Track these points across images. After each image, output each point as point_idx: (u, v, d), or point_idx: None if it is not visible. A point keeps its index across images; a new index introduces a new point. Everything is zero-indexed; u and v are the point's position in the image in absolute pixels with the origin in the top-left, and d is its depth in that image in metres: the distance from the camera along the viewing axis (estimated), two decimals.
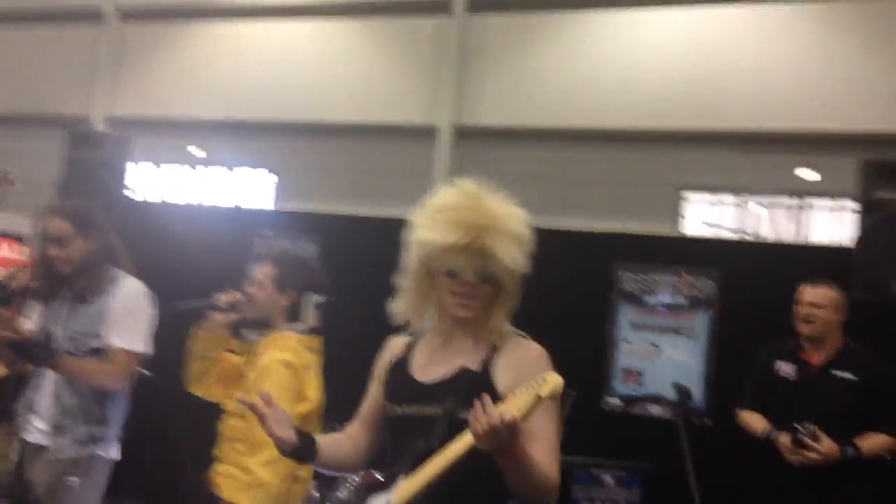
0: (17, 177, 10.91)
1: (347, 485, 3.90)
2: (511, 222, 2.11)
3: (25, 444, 3.25)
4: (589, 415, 4.45)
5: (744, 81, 11.33)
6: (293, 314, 3.07)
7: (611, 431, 4.82)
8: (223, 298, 3.07)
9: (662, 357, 4.96)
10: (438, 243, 2.06)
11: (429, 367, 2.15)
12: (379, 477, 3.31)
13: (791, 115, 11.07)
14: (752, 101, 11.24)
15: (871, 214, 4.38)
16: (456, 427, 1.91)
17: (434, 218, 2.10)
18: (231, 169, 14.74)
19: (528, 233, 2.14)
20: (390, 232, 2.40)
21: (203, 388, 3.21)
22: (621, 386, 5.02)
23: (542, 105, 12.21)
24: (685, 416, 3.63)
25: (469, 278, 2.08)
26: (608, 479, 3.50)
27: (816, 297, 3.89)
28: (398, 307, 2.21)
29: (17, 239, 8.38)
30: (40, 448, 3.19)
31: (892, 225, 4.19)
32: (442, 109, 12.74)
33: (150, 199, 9.24)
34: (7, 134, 14.37)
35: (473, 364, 2.09)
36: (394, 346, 2.30)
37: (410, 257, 2.16)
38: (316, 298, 3.11)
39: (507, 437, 1.74)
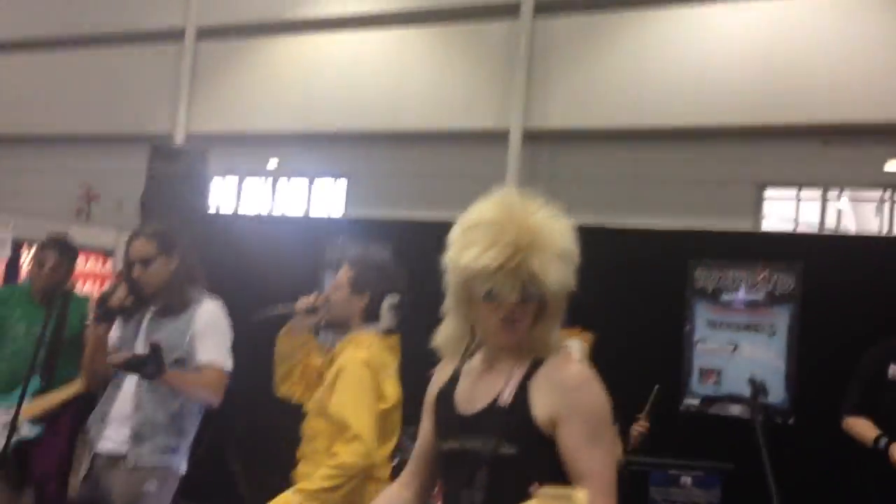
0: (102, 193, 11.33)
1: None
2: (555, 237, 1.89)
3: (96, 456, 3.36)
4: (666, 416, 4.38)
5: (823, 72, 10.99)
6: (370, 315, 3.10)
7: (689, 432, 4.74)
8: (303, 302, 3.16)
9: (741, 355, 4.84)
10: (472, 265, 1.85)
11: (472, 396, 1.97)
12: None
13: (877, 106, 10.69)
14: (832, 92, 10.89)
15: None
16: (499, 464, 1.83)
17: (467, 236, 1.90)
18: (309, 179, 14.99)
19: (574, 247, 1.92)
20: None
21: (287, 389, 3.29)
22: (699, 386, 4.93)
23: (613, 105, 12.07)
24: (763, 413, 3.52)
25: (512, 300, 1.86)
26: (686, 479, 3.43)
27: None
28: (439, 335, 2.03)
29: (103, 252, 8.67)
30: (117, 458, 3.29)
31: None
32: (512, 113, 12.71)
33: (225, 212, 9.46)
34: (93, 153, 14.93)
35: (509, 390, 1.89)
36: (441, 375, 2.11)
37: (448, 280, 1.95)
38: (392, 299, 3.11)
39: None
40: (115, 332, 3.44)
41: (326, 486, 2.75)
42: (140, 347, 3.32)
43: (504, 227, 1.86)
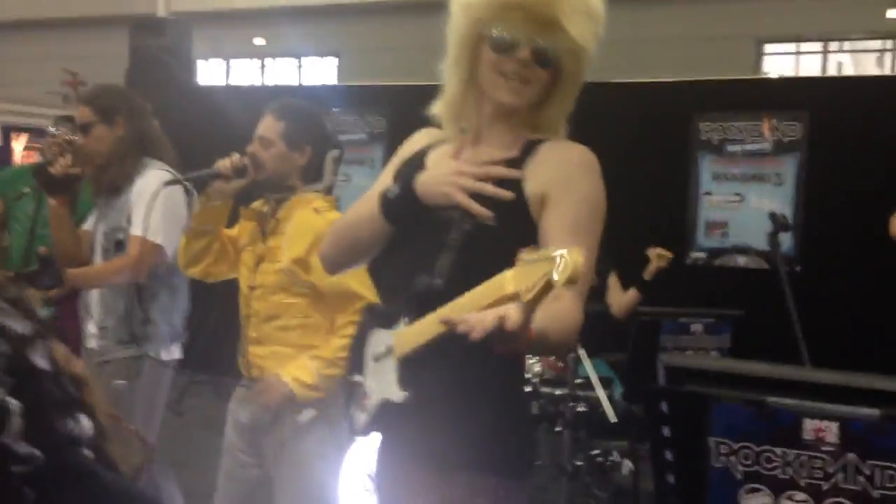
0: (86, 76, 11.06)
1: None
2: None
3: (85, 350, 3.17)
4: (673, 269, 4.37)
5: None
6: (310, 173, 2.66)
7: (696, 284, 4.74)
8: (225, 164, 2.60)
9: (747, 206, 4.80)
10: None
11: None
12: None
13: None
14: None
15: None
16: (479, 231, 1.56)
17: None
18: (297, 58, 14.65)
19: (602, 12, 1.64)
20: None
21: (204, 269, 2.76)
22: (705, 239, 4.90)
23: None
24: (776, 256, 3.50)
25: (524, 54, 1.58)
26: (697, 327, 3.43)
27: None
28: (439, 101, 1.74)
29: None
30: (92, 351, 3.09)
31: None
32: None
33: (215, 84, 9.25)
34: (75, 36, 14.53)
35: (500, 162, 1.62)
36: (418, 138, 1.85)
37: (451, 30, 1.67)
38: (333, 154, 2.69)
39: (511, 340, 1.26)
40: (91, 218, 3.17)
41: (345, 354, 2.63)
42: (97, 234, 3.05)
43: None
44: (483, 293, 1.29)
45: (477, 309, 1.27)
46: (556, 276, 1.15)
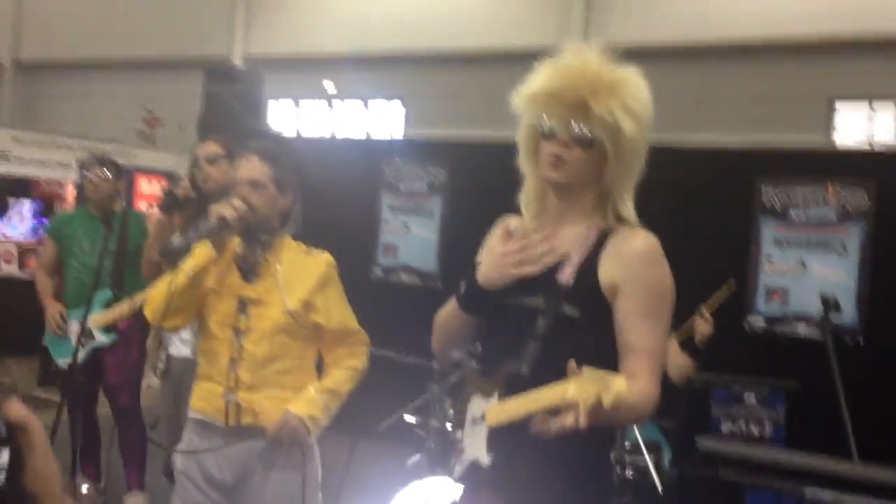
0: (161, 116, 11.43)
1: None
2: (624, 84, 1.85)
3: (170, 357, 3.50)
4: (730, 335, 4.30)
5: None
6: (286, 218, 2.64)
7: (753, 352, 4.66)
8: (230, 213, 2.49)
9: (809, 274, 4.71)
10: (530, 92, 1.86)
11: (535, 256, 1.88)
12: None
13: None
14: None
15: None
16: (562, 322, 1.79)
17: (537, 73, 1.89)
18: (364, 102, 14.92)
19: (647, 102, 1.87)
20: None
21: (184, 318, 2.63)
22: (764, 305, 4.82)
23: (675, 20, 11.65)
24: (833, 332, 3.42)
25: (562, 136, 1.81)
26: (750, 397, 3.37)
27: None
28: (522, 194, 1.99)
29: (165, 176, 8.79)
30: (186, 360, 3.36)
31: None
32: (570, 31, 12.37)
33: (283, 133, 9.46)
34: (152, 77, 15.03)
35: (578, 254, 1.84)
36: (503, 227, 2.02)
37: (519, 126, 1.93)
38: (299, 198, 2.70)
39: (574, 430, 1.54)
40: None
41: (349, 388, 2.65)
42: None
43: (572, 65, 1.85)
44: (550, 394, 1.57)
45: (544, 405, 1.58)
46: (605, 400, 1.48)
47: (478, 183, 5.54)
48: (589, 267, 1.83)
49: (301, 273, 2.58)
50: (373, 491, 4.02)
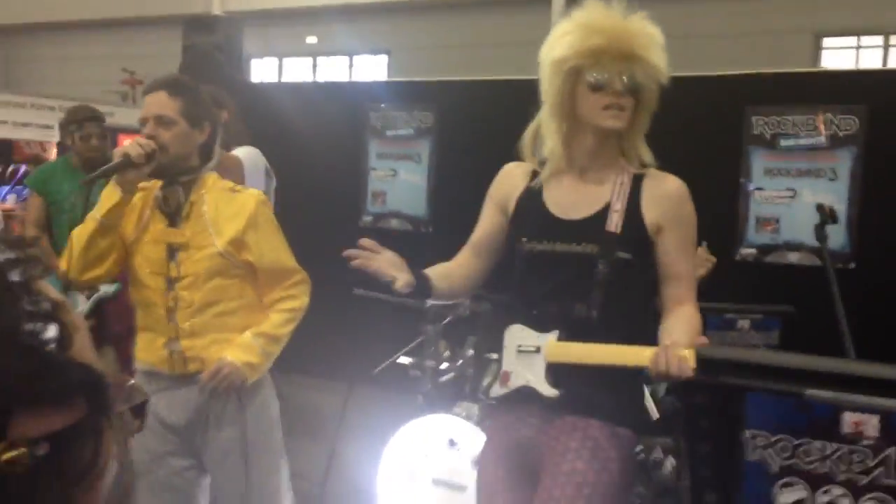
0: (141, 75, 11.28)
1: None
2: (652, 32, 2.08)
3: None
4: (722, 265, 4.28)
5: None
6: (207, 152, 2.50)
7: (745, 281, 4.64)
8: (136, 150, 2.33)
9: (800, 202, 4.68)
10: (578, 48, 2.00)
11: (568, 204, 2.11)
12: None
13: None
14: None
15: None
16: (618, 266, 2.01)
17: (569, 31, 2.04)
18: (349, 56, 14.74)
19: (664, 47, 2.10)
20: (506, 94, 2.31)
21: (106, 269, 2.50)
22: (755, 235, 4.80)
23: None
24: (828, 247, 3.40)
25: (617, 87, 2.02)
26: (744, 323, 3.36)
27: None
28: (528, 134, 2.20)
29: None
30: None
31: None
32: None
33: (266, 81, 9.34)
34: (131, 36, 14.81)
35: (620, 201, 2.07)
36: (515, 176, 2.23)
37: (546, 86, 2.09)
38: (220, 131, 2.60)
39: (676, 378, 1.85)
40: None
41: (287, 330, 2.54)
42: None
43: (605, 18, 2.04)
44: (630, 352, 1.92)
45: (625, 360, 1.94)
46: (691, 363, 1.82)
47: (466, 125, 5.47)
48: (634, 212, 2.06)
49: (230, 211, 2.45)
50: (370, 434, 4.03)
